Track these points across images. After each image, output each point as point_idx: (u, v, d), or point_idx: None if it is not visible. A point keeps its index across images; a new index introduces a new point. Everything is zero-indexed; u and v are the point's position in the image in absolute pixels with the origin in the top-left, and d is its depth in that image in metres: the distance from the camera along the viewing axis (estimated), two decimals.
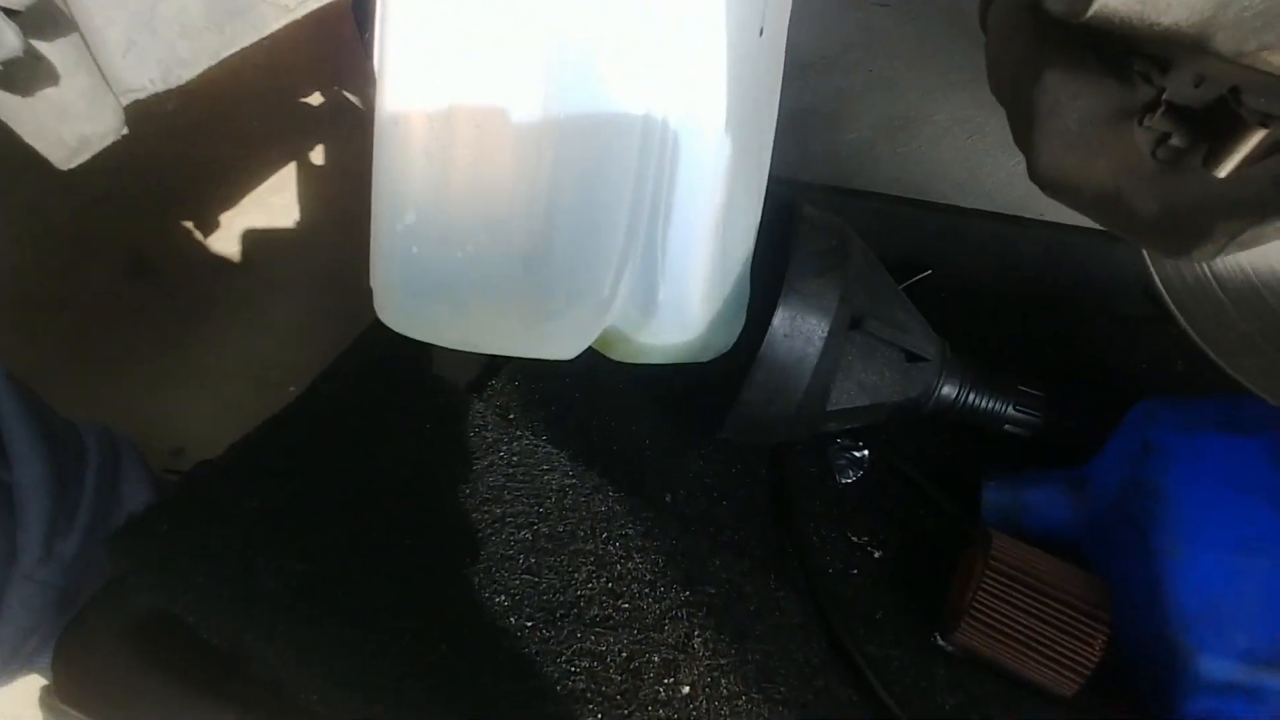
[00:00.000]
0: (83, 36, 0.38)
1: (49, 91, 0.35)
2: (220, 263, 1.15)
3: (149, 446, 0.90)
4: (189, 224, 1.18)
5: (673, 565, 0.52)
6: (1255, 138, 0.26)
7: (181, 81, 0.46)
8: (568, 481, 0.56)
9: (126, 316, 1.06)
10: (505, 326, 0.45)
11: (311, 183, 1.26)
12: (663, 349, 0.51)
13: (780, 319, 0.51)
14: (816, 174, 1.26)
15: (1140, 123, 0.28)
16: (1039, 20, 0.29)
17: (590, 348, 0.48)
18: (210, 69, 0.45)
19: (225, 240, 1.18)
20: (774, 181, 0.59)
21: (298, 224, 1.22)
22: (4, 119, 0.35)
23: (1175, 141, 0.28)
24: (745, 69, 0.46)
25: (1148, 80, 0.28)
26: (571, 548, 0.52)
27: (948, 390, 0.61)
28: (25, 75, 0.33)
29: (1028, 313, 0.76)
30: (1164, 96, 0.28)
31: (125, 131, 0.41)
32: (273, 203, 1.23)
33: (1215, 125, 0.27)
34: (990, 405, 0.62)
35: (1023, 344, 0.74)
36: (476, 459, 0.55)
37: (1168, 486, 0.53)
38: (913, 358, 0.57)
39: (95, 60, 0.40)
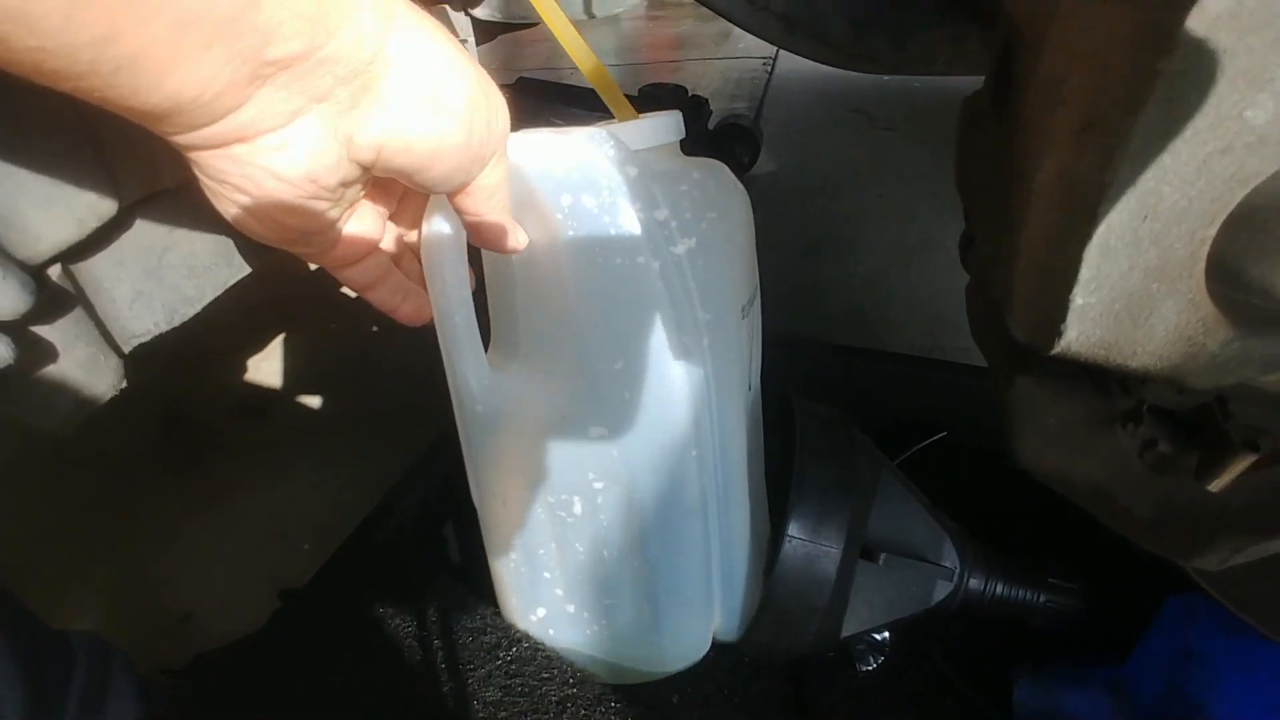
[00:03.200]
0: (86, 302, 0.40)
1: (48, 369, 0.36)
2: (244, 409, 1.17)
3: (159, 612, 0.90)
4: (217, 374, 1.21)
5: None
6: (1245, 462, 0.24)
7: (186, 319, 0.47)
8: (568, 691, 0.53)
9: (152, 469, 1.08)
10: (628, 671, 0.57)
11: (332, 319, 1.30)
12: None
13: (783, 568, 0.50)
14: (830, 306, 1.26)
15: (1124, 427, 0.27)
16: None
17: None
18: None
19: (249, 387, 1.21)
20: (782, 347, 0.59)
21: (320, 364, 1.25)
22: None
23: (1162, 448, 0.27)
24: (747, 426, 0.55)
25: (1125, 390, 0.27)
26: None
27: (974, 585, 0.58)
28: (22, 363, 0.34)
29: None
30: (1145, 405, 0.26)
31: (124, 385, 0.42)
32: (295, 342, 1.26)
33: (1203, 436, 0.26)
34: (1020, 597, 0.59)
35: (1046, 512, 0.71)
36: (473, 669, 0.53)
37: (1214, 705, 0.49)
38: (934, 571, 0.55)
39: (100, 319, 0.41)
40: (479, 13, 0.79)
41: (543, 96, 1.28)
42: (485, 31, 0.94)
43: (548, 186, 0.42)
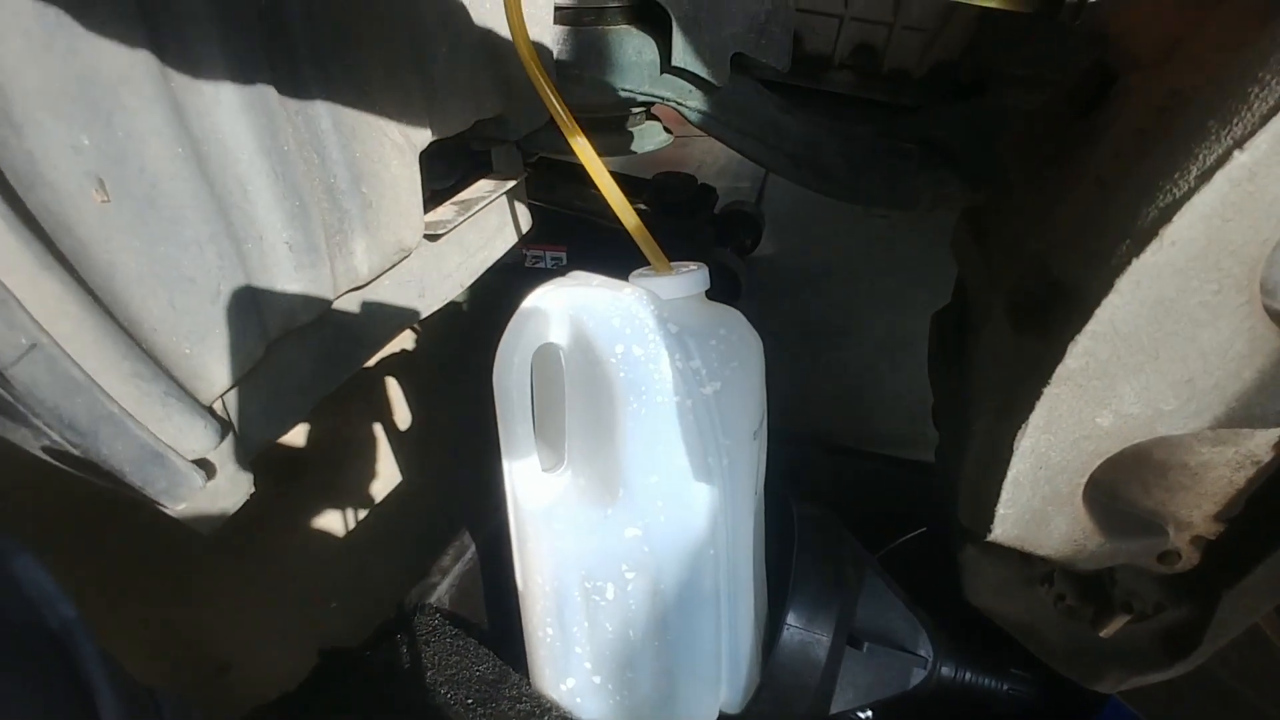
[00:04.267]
0: (231, 426, 0.49)
1: (207, 485, 0.45)
2: (278, 470, 1.25)
3: (198, 662, 0.96)
4: None
5: None
6: (1124, 619, 0.34)
7: (291, 429, 0.57)
8: None
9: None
10: None
11: (375, 387, 1.39)
12: None
13: (782, 652, 0.59)
14: (823, 392, 1.37)
15: (1041, 584, 0.37)
16: None
17: None
18: None
19: (282, 449, 1.29)
20: (780, 443, 0.68)
21: (351, 430, 1.33)
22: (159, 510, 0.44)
23: (1070, 601, 0.37)
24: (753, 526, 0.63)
25: (1042, 560, 0.36)
26: None
27: (945, 672, 0.66)
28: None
29: None
30: (1055, 571, 0.36)
31: (253, 490, 0.51)
32: (329, 407, 1.35)
33: (1097, 595, 0.35)
34: (985, 685, 0.67)
35: None
36: None
37: None
38: (910, 658, 0.64)
39: (236, 437, 0.50)
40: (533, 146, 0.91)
41: (557, 173, 1.40)
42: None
43: (604, 336, 0.52)
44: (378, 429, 1.32)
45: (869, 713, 0.73)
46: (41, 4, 0.32)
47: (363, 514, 1.16)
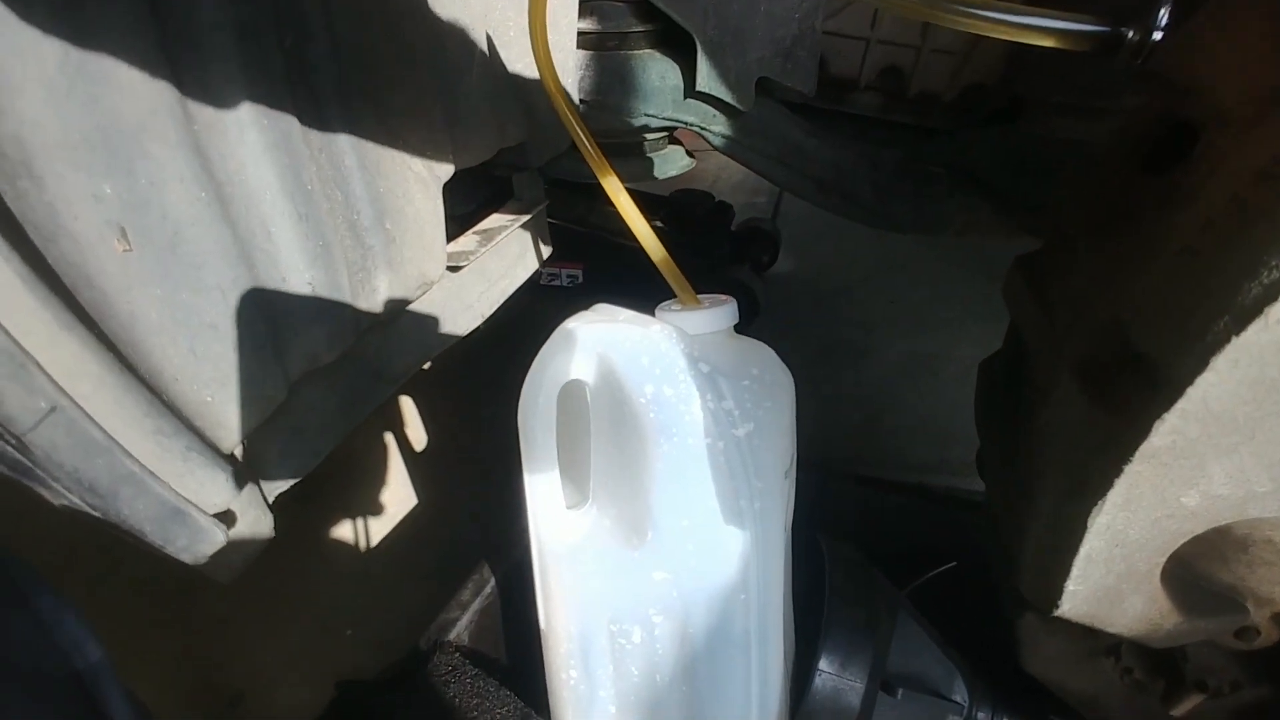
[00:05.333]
0: (250, 471, 0.48)
1: (231, 537, 0.44)
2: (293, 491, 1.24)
3: (211, 693, 0.95)
4: None
5: None
6: (1195, 700, 0.32)
7: (312, 469, 0.55)
8: None
9: None
10: None
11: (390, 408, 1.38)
12: None
13: (814, 699, 0.57)
14: (843, 415, 1.34)
15: (1107, 656, 0.35)
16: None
17: None
18: None
19: None
20: (808, 473, 0.66)
21: (366, 454, 1.32)
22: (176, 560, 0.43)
23: (1138, 675, 0.35)
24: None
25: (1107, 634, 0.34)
26: None
27: (981, 718, 0.64)
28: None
29: None
30: (1122, 643, 0.34)
31: (273, 535, 0.49)
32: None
33: (1168, 671, 0.33)
34: None
35: None
36: None
37: None
38: (945, 705, 0.61)
39: (257, 481, 0.49)
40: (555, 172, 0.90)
41: (571, 189, 1.39)
42: None
43: (634, 375, 0.51)
44: (393, 451, 1.31)
45: None
46: (63, 52, 0.31)
47: (378, 538, 1.14)
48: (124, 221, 0.35)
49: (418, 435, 1.35)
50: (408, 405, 1.38)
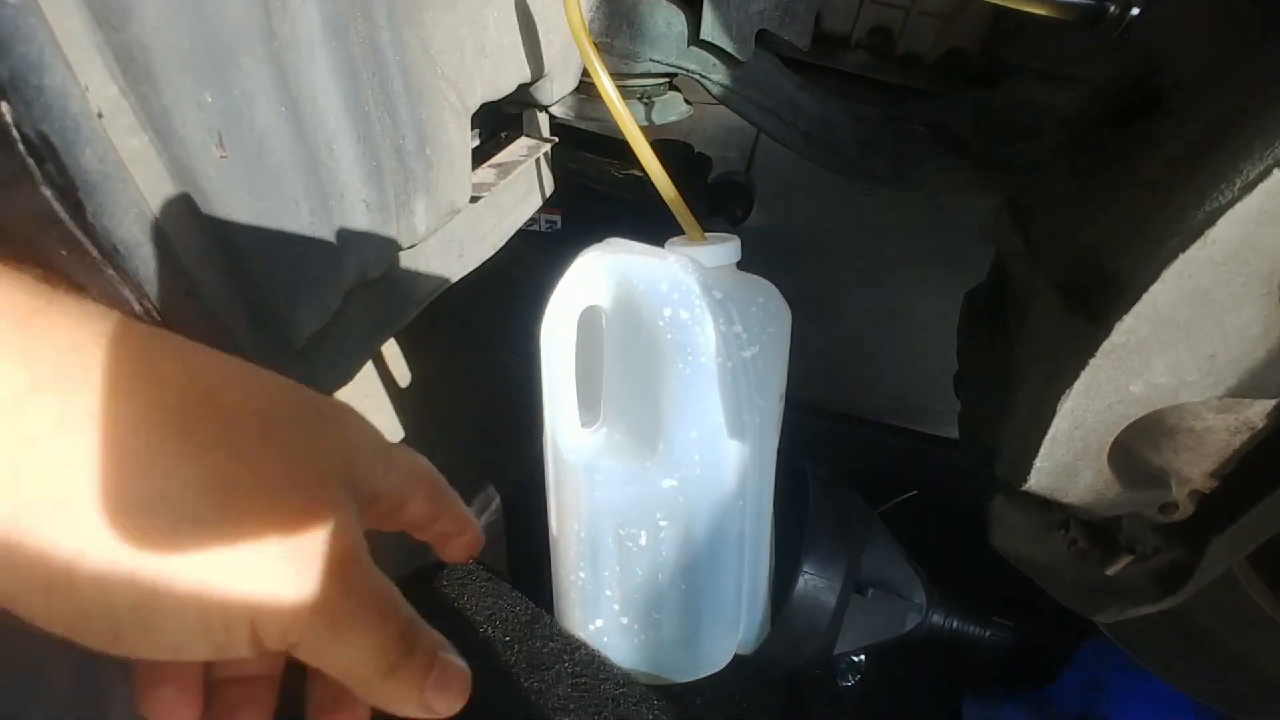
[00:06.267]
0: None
1: None
2: None
3: None
4: None
5: None
6: (1125, 560, 0.40)
7: (349, 381, 0.59)
8: (620, 690, 0.66)
9: None
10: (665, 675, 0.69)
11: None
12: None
13: (798, 596, 0.65)
14: (813, 364, 1.42)
15: (1058, 530, 0.43)
16: None
17: None
18: None
19: None
20: (788, 409, 0.73)
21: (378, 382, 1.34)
22: None
23: (1081, 545, 0.43)
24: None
25: (1061, 508, 0.42)
26: None
27: (936, 620, 0.73)
28: None
29: None
30: (1070, 518, 0.42)
31: None
32: None
33: (1105, 540, 0.41)
34: (970, 631, 0.74)
35: (993, 563, 0.87)
36: (547, 668, 0.65)
37: None
38: (907, 605, 0.70)
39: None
40: (554, 110, 0.92)
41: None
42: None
43: (654, 300, 0.56)
44: (378, 387, 1.34)
45: (862, 657, 0.80)
46: None
47: None
48: (222, 129, 0.38)
49: (401, 373, 1.37)
50: (397, 340, 1.40)
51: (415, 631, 0.28)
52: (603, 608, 0.67)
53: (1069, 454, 0.37)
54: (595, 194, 1.42)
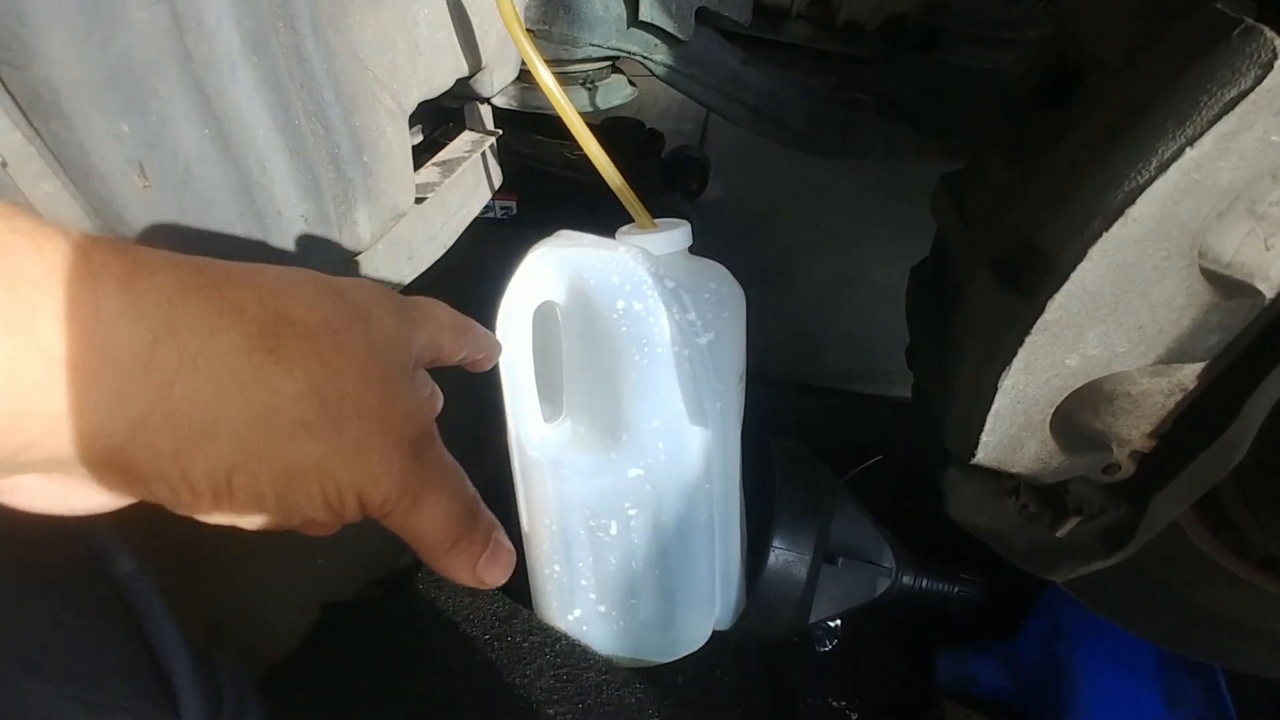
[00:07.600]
0: None
1: None
2: None
3: (190, 625, 0.97)
4: None
5: None
6: (1074, 521, 0.42)
7: None
8: (602, 677, 0.67)
9: None
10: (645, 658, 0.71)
11: None
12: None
13: (769, 571, 0.66)
14: (774, 334, 1.43)
15: (1009, 496, 0.44)
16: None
17: None
18: None
19: None
20: (749, 384, 0.74)
21: None
22: None
23: (1031, 509, 0.44)
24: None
25: (1010, 475, 0.43)
26: None
27: (906, 581, 0.75)
28: None
29: None
30: (1020, 484, 0.43)
31: None
32: None
33: (1054, 503, 0.43)
34: (939, 589, 0.76)
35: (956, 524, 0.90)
36: (529, 662, 0.66)
37: (1075, 665, 0.68)
38: (877, 570, 0.72)
39: None
40: (496, 100, 0.90)
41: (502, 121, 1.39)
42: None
43: (606, 293, 0.56)
44: None
45: (838, 621, 0.82)
46: None
47: None
48: (142, 158, 0.37)
49: None
50: None
51: (476, 511, 0.35)
52: (579, 598, 0.68)
53: (1013, 427, 0.38)
54: (549, 175, 1.40)
